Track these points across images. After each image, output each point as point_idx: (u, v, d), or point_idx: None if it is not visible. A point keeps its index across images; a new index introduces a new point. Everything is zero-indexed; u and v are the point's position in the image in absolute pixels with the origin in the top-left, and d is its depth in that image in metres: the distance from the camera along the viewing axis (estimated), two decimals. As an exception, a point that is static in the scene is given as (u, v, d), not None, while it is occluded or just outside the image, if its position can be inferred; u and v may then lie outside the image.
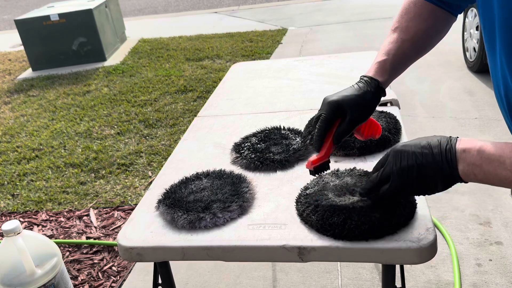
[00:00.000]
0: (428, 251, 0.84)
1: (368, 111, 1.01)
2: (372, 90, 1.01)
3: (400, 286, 1.04)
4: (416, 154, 0.81)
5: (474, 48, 3.91)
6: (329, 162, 1.00)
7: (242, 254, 0.92)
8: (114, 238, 2.49)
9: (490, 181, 0.76)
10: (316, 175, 1.00)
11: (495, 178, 0.75)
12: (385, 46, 1.05)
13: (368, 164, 1.15)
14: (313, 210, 0.94)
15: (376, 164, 0.90)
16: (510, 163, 0.73)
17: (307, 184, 1.06)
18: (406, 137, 1.25)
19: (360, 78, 1.05)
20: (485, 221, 2.24)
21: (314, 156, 0.98)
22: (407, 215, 0.91)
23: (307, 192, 1.01)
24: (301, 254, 0.89)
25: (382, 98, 1.07)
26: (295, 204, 1.02)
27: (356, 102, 0.98)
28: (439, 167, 0.79)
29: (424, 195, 0.86)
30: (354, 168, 1.09)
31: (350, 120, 0.97)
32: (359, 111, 0.99)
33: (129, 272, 2.23)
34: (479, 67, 3.87)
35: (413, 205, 0.94)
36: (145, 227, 1.02)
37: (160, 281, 1.12)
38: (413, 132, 3.13)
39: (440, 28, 1.06)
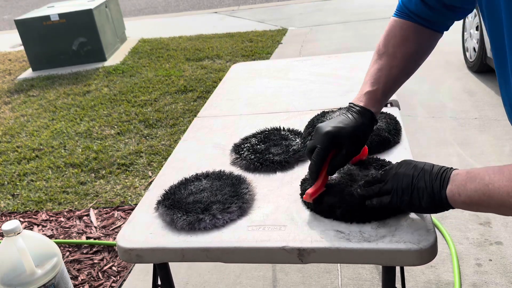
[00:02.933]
0: (428, 253, 0.84)
1: (363, 142, 1.00)
2: (367, 122, 0.99)
3: (400, 286, 1.04)
4: (416, 168, 0.85)
5: (474, 48, 3.91)
6: (324, 193, 0.98)
7: (242, 255, 0.92)
8: (114, 238, 2.48)
9: (471, 199, 0.77)
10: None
11: (475, 195, 0.76)
12: (372, 73, 1.03)
13: (368, 165, 1.14)
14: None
15: (381, 173, 0.93)
16: (489, 179, 0.75)
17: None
18: (406, 138, 1.25)
19: (350, 107, 1.02)
20: (485, 221, 2.24)
21: (311, 189, 0.97)
22: None
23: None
24: (301, 255, 0.89)
25: None
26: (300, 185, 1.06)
27: (352, 135, 0.96)
28: (431, 182, 0.82)
29: (410, 210, 0.90)
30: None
31: (347, 154, 0.96)
32: (355, 144, 0.98)
33: (129, 272, 2.23)
34: (479, 67, 3.87)
35: None
36: (144, 228, 1.01)
37: (159, 282, 1.11)
38: (413, 132, 3.13)
39: (427, 48, 1.05)
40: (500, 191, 0.73)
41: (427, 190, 0.82)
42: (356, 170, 1.06)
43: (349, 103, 1.04)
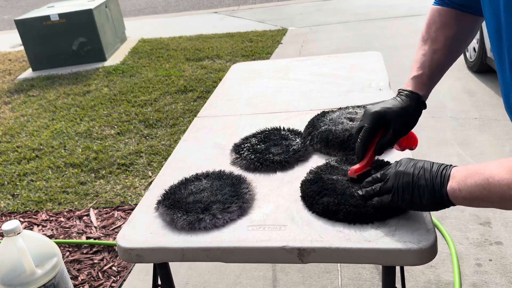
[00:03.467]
0: (428, 253, 0.84)
1: (411, 124, 1.04)
2: (414, 104, 1.04)
3: (400, 286, 1.04)
4: (416, 167, 0.86)
5: (474, 48, 3.91)
6: (371, 170, 1.03)
7: (242, 255, 0.92)
8: (114, 238, 2.48)
9: (472, 195, 0.78)
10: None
11: (475, 189, 0.76)
12: (418, 58, 1.08)
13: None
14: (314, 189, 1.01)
15: (380, 172, 0.94)
16: (489, 173, 0.75)
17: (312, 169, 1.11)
18: (406, 138, 1.25)
19: (399, 92, 1.07)
20: (485, 221, 2.24)
21: (356, 165, 1.01)
22: None
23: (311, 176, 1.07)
24: (301, 255, 0.89)
25: None
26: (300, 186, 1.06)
27: (400, 115, 1.00)
28: (432, 180, 0.83)
29: (411, 209, 0.90)
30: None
31: (394, 132, 1.00)
32: (403, 124, 1.01)
33: (129, 272, 2.23)
34: (479, 67, 3.87)
35: None
36: (144, 228, 1.01)
37: (159, 282, 1.11)
38: (413, 132, 3.12)
39: (468, 31, 1.08)
40: (500, 184, 0.73)
41: (428, 188, 0.83)
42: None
43: (398, 89, 1.09)
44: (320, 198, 0.98)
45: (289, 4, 8.26)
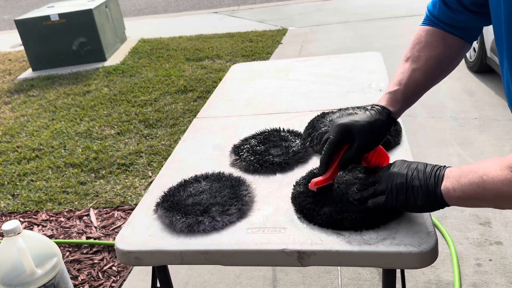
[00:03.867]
0: (429, 255, 0.84)
1: (377, 139, 1.01)
2: (383, 119, 1.01)
3: (400, 287, 1.03)
4: (410, 168, 0.86)
5: (474, 48, 3.90)
6: (333, 185, 1.00)
7: (241, 258, 0.92)
8: (114, 238, 2.48)
9: (466, 194, 0.77)
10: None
11: (469, 188, 0.76)
12: (397, 76, 1.06)
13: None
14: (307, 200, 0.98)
15: (375, 175, 0.94)
16: (483, 171, 0.75)
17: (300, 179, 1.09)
18: (406, 139, 1.25)
19: (372, 107, 1.05)
20: (485, 221, 2.24)
21: (319, 178, 0.98)
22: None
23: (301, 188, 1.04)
24: (301, 258, 0.88)
25: None
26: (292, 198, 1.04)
27: (365, 129, 0.97)
28: (426, 181, 0.83)
29: (405, 210, 0.90)
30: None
31: (358, 146, 0.97)
32: (368, 138, 0.98)
33: (129, 272, 2.23)
34: (479, 67, 3.87)
35: None
36: (143, 230, 1.01)
37: (158, 285, 1.11)
38: (413, 132, 3.12)
39: (453, 55, 1.05)
40: (494, 180, 0.73)
41: (422, 188, 0.83)
42: (351, 178, 1.04)
43: (372, 104, 1.07)
44: (320, 208, 0.95)
45: (289, 4, 8.26)
